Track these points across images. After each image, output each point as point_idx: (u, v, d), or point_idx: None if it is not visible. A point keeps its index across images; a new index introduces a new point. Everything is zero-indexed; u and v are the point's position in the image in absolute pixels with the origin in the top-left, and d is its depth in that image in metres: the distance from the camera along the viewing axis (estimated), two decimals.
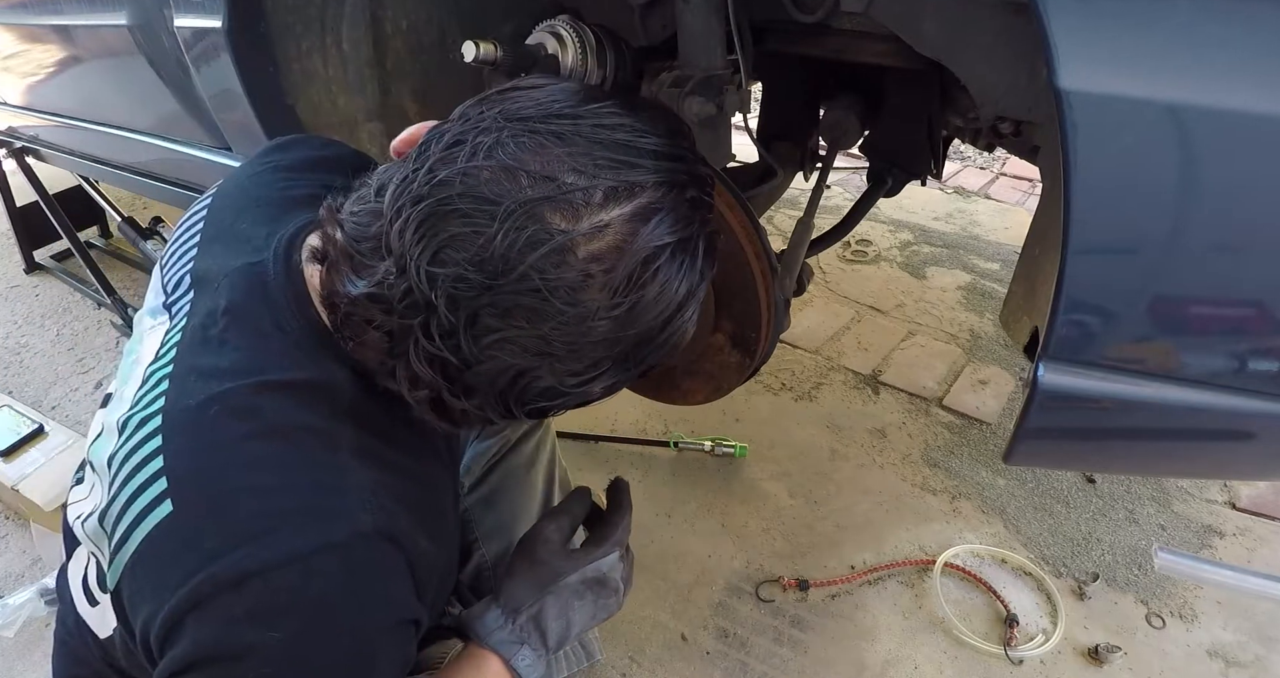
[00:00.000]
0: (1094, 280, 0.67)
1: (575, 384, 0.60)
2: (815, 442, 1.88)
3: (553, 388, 0.60)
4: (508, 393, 0.60)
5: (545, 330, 0.56)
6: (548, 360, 0.58)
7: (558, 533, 0.87)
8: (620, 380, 0.63)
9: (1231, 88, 0.57)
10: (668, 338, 0.62)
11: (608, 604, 0.84)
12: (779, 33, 1.10)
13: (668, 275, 0.58)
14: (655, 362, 0.64)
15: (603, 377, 0.61)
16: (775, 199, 1.42)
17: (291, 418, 0.62)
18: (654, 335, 0.61)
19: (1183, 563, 1.15)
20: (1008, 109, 0.87)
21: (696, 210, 0.61)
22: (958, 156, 3.44)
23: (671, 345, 0.64)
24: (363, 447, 0.63)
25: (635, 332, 0.59)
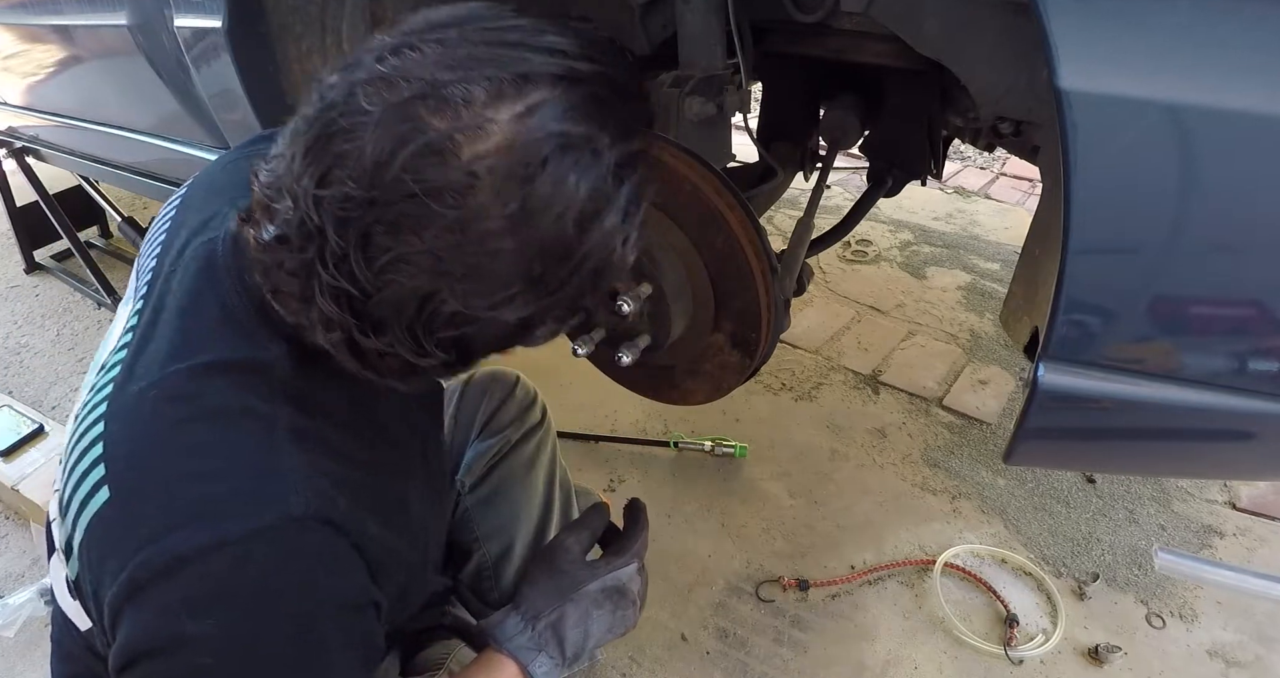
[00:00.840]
0: (1094, 280, 0.67)
1: (485, 307, 0.55)
2: (815, 442, 1.88)
3: (460, 314, 0.55)
4: (415, 324, 0.55)
5: (435, 242, 0.51)
6: (447, 280, 0.53)
7: (577, 545, 0.87)
8: (546, 311, 0.58)
9: (1231, 88, 0.57)
10: (586, 254, 0.56)
11: (625, 616, 0.84)
12: (779, 33, 1.10)
13: (560, 171, 0.52)
14: (583, 291, 0.58)
15: (517, 301, 0.56)
16: (775, 199, 1.42)
17: (228, 401, 0.61)
18: (567, 249, 0.55)
19: (1183, 563, 1.15)
20: (1008, 109, 0.87)
21: (605, 111, 0.56)
22: (958, 156, 3.43)
23: (596, 269, 0.57)
24: (302, 429, 0.62)
25: (538, 241, 0.53)
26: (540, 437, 1.22)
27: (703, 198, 0.89)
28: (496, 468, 1.17)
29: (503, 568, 1.14)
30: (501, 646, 0.78)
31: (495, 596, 1.14)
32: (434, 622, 1.09)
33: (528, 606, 0.81)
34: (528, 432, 1.20)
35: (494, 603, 1.13)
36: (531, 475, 1.19)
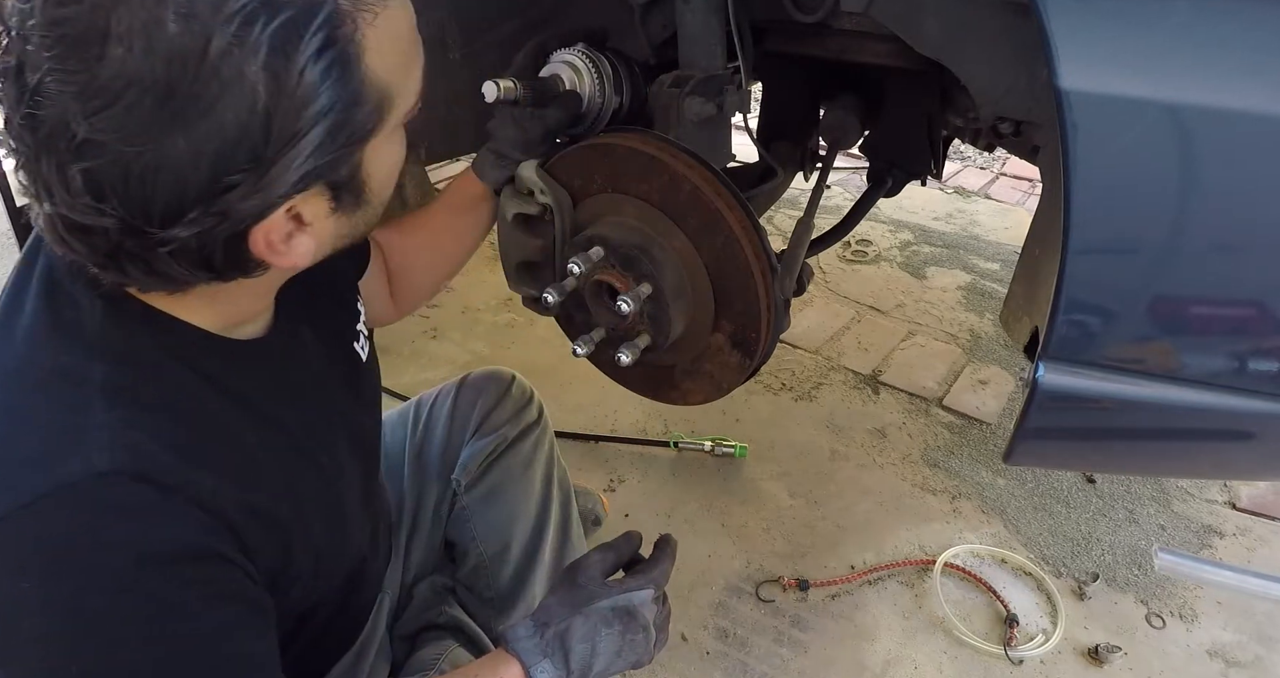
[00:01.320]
0: (1094, 280, 0.67)
1: (112, 127, 0.49)
2: (815, 442, 1.88)
3: (91, 142, 0.49)
4: (65, 164, 0.50)
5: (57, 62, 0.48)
6: (71, 96, 0.48)
7: (599, 564, 0.88)
8: (211, 156, 0.51)
9: (1231, 88, 0.57)
10: (217, 65, 0.49)
11: (635, 642, 0.83)
12: (779, 33, 1.10)
13: None
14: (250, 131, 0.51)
15: (151, 129, 0.49)
16: (775, 199, 1.42)
17: (38, 364, 0.60)
18: (191, 53, 0.48)
19: (1183, 563, 1.15)
20: (1008, 109, 0.87)
21: None
22: (958, 156, 3.44)
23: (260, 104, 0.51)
24: (117, 384, 0.60)
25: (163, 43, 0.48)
26: (537, 435, 1.21)
27: (703, 198, 0.89)
28: (493, 467, 1.16)
29: (499, 567, 1.14)
30: (510, 646, 0.79)
31: (491, 594, 1.13)
32: (429, 621, 1.09)
33: (541, 613, 0.82)
34: (524, 430, 1.20)
35: (490, 602, 1.13)
36: (528, 474, 1.19)
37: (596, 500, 1.59)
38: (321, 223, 0.61)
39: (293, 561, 0.70)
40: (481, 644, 1.07)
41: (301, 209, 0.58)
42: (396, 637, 1.09)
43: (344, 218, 0.64)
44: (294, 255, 0.60)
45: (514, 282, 1.10)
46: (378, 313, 1.05)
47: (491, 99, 0.89)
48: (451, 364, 2.16)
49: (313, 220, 0.60)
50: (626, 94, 0.98)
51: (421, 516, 1.16)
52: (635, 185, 0.93)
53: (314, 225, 0.61)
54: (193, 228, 0.54)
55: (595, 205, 0.98)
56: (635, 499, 1.71)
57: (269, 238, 0.58)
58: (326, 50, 0.53)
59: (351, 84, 0.55)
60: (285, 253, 0.60)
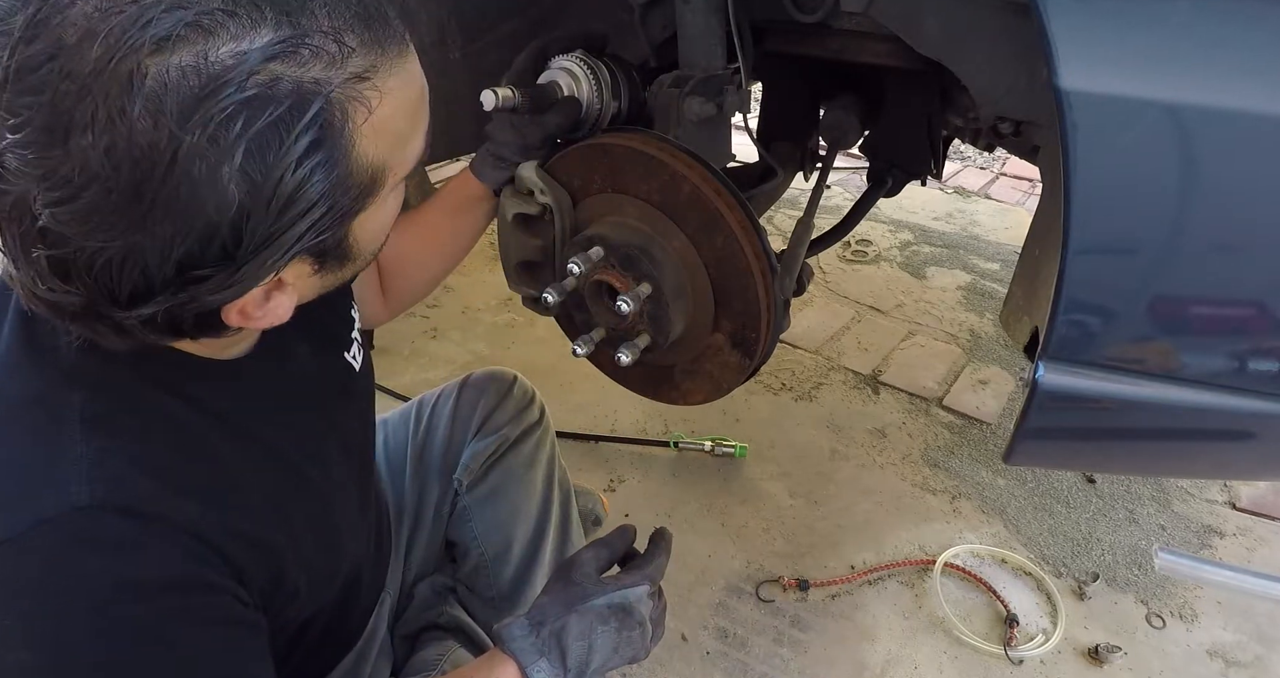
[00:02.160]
0: (1094, 280, 0.67)
1: (71, 220, 0.47)
2: (815, 442, 1.88)
3: (49, 230, 0.47)
4: (26, 239, 0.49)
5: (22, 135, 0.45)
6: (33, 180, 0.46)
7: (593, 561, 0.88)
8: (157, 250, 0.48)
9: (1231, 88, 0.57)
10: (179, 166, 0.45)
11: (631, 638, 0.83)
12: (779, 33, 1.10)
13: (120, 43, 0.44)
14: (196, 227, 0.48)
15: (113, 226, 0.47)
16: (775, 199, 1.42)
17: (14, 392, 0.59)
18: (154, 152, 0.45)
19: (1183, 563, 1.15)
20: (1008, 109, 0.87)
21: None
22: (958, 156, 3.44)
23: (185, 202, 0.47)
24: (95, 413, 0.58)
25: (125, 137, 0.44)
26: (539, 436, 1.21)
27: (703, 198, 0.89)
28: (494, 467, 1.16)
29: (500, 567, 1.14)
30: (506, 646, 0.79)
31: (492, 594, 1.14)
32: (430, 622, 1.09)
33: (537, 612, 0.82)
34: (526, 430, 1.20)
35: (491, 602, 1.13)
36: (530, 474, 1.19)
37: (596, 500, 1.59)
38: (304, 282, 0.59)
39: (285, 578, 0.69)
40: (482, 645, 1.07)
41: (282, 276, 0.56)
42: (398, 637, 1.09)
43: (330, 275, 0.61)
44: (272, 316, 0.58)
45: (514, 282, 1.10)
46: (370, 313, 1.05)
47: (490, 107, 0.89)
48: (451, 364, 2.16)
49: (294, 281, 0.58)
50: (624, 99, 0.98)
51: (423, 515, 1.16)
52: (635, 185, 0.93)
53: (295, 285, 0.58)
54: (160, 306, 0.52)
55: (595, 205, 0.98)
56: (635, 499, 1.71)
57: (244, 311, 0.56)
58: (314, 151, 0.49)
59: (339, 177, 0.52)
60: (261, 316, 0.57)
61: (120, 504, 0.56)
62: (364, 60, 0.51)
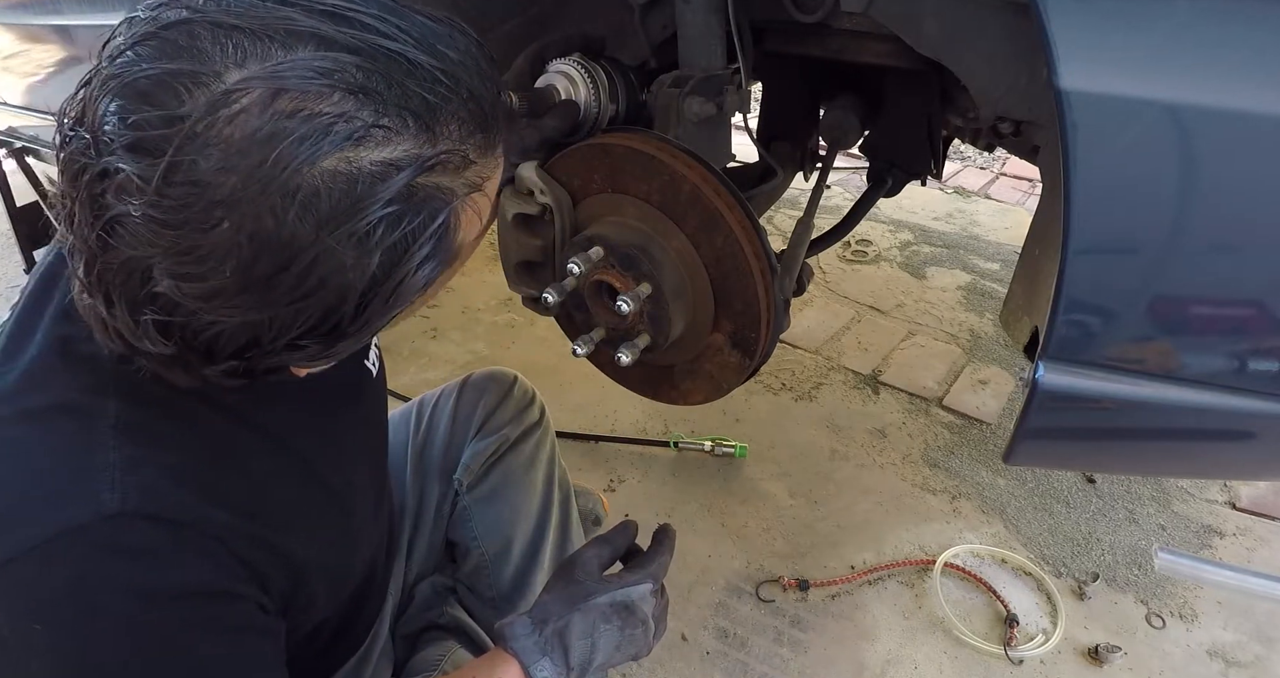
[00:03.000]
0: (1094, 280, 0.67)
1: (196, 297, 0.48)
2: (815, 442, 1.88)
3: (168, 297, 0.49)
4: (135, 300, 0.50)
5: (150, 206, 0.45)
6: (158, 252, 0.47)
7: (596, 559, 0.88)
8: (278, 324, 0.51)
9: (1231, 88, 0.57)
10: (314, 263, 0.48)
11: (634, 636, 0.83)
12: (779, 33, 1.10)
13: (307, 151, 0.45)
14: (328, 311, 0.51)
15: (231, 298, 0.48)
16: (775, 199, 1.42)
17: (49, 398, 0.59)
18: (290, 248, 0.47)
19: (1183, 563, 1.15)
20: (1008, 109, 0.87)
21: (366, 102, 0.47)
22: (958, 156, 3.44)
23: (338, 288, 0.50)
24: (129, 421, 0.58)
25: (257, 226, 0.46)
26: (539, 436, 1.21)
27: (703, 198, 0.89)
28: (495, 467, 1.16)
29: (500, 567, 1.14)
30: (508, 644, 0.79)
31: (493, 594, 1.14)
32: (431, 622, 1.09)
33: (539, 610, 0.82)
34: (526, 430, 1.20)
35: (491, 602, 1.13)
36: (530, 475, 1.19)
37: (596, 501, 1.59)
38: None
39: (305, 585, 0.70)
40: (483, 645, 1.07)
41: None
42: (398, 637, 1.09)
43: None
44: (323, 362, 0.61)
45: (514, 282, 1.10)
46: None
47: None
48: (451, 364, 2.16)
49: None
50: (622, 102, 0.98)
51: (423, 515, 1.16)
52: (635, 185, 0.93)
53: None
54: (243, 362, 0.54)
55: (595, 205, 0.98)
56: (635, 499, 1.71)
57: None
58: (435, 254, 0.53)
59: (442, 265, 0.55)
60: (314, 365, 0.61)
61: (149, 512, 0.56)
62: (481, 169, 0.55)
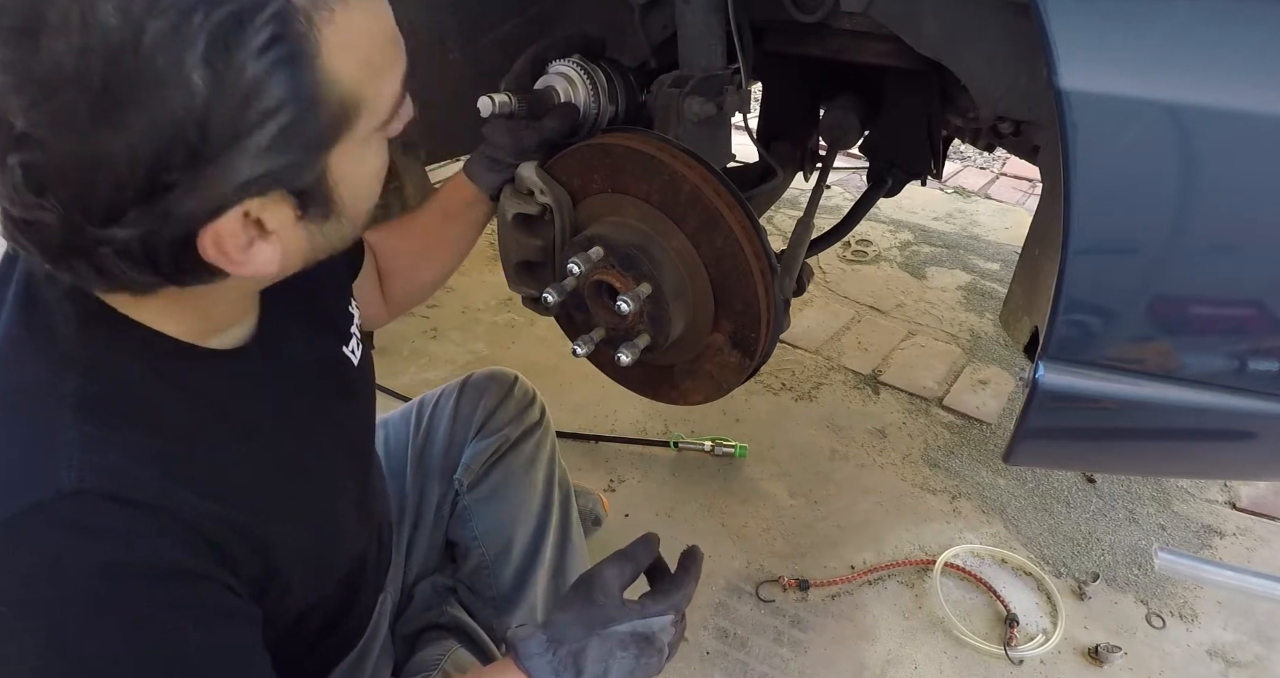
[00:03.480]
0: (1094, 280, 0.67)
1: (44, 124, 0.48)
2: (815, 442, 1.88)
3: (28, 137, 0.48)
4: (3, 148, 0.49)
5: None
6: (19, 94, 0.47)
7: (618, 579, 0.85)
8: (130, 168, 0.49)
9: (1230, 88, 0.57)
10: (146, 65, 0.47)
11: (649, 664, 0.82)
12: (779, 33, 1.10)
13: None
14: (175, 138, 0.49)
15: (81, 129, 0.48)
16: (775, 199, 1.42)
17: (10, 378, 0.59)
18: (120, 48, 0.47)
19: (1183, 563, 1.15)
20: (1008, 109, 0.87)
21: None
22: (958, 156, 3.44)
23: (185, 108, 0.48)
24: (94, 397, 0.58)
25: (98, 35, 0.46)
26: (539, 436, 1.21)
27: (703, 198, 0.89)
28: (495, 467, 1.16)
29: (501, 567, 1.14)
30: (522, 662, 0.77)
31: (493, 594, 1.14)
32: (431, 621, 1.09)
33: (555, 630, 0.80)
34: (526, 430, 1.20)
35: (492, 602, 1.14)
36: (531, 475, 1.19)
37: (596, 501, 1.59)
38: (288, 232, 0.59)
39: (278, 570, 0.69)
40: (483, 644, 1.07)
41: (261, 215, 0.55)
42: (398, 637, 1.09)
43: (314, 228, 0.61)
44: (254, 264, 0.57)
45: (514, 282, 1.10)
46: (369, 314, 1.05)
47: (486, 113, 0.90)
48: (451, 364, 2.16)
49: (277, 228, 0.57)
50: (621, 103, 0.98)
51: (423, 515, 1.16)
52: (635, 185, 0.93)
53: (280, 234, 0.58)
54: (134, 228, 0.51)
55: (595, 205, 0.98)
56: (635, 499, 1.71)
57: (221, 245, 0.55)
58: (274, 45, 0.50)
59: (304, 84, 0.52)
60: (243, 261, 0.57)
61: (109, 492, 0.56)
62: None
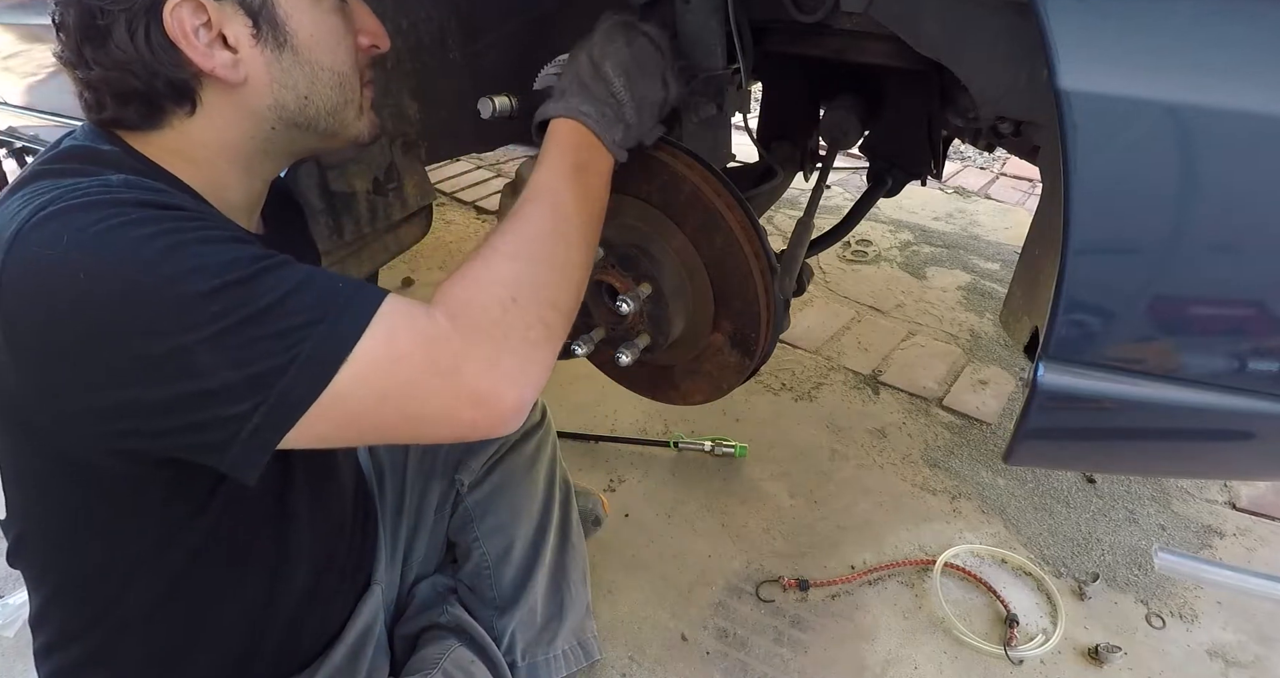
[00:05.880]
0: (1094, 280, 0.67)
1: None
2: (815, 442, 1.88)
3: None
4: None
5: None
6: None
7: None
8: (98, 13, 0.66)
9: (1231, 88, 0.57)
10: None
11: (642, 49, 0.83)
12: (779, 33, 1.10)
13: None
14: None
15: None
16: (775, 199, 1.42)
17: (70, 166, 0.68)
18: None
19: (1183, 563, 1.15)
20: (1008, 109, 0.87)
21: None
22: (958, 156, 3.44)
23: None
24: (131, 182, 0.66)
25: None
26: (540, 436, 1.22)
27: (702, 198, 0.89)
28: (496, 467, 1.17)
29: (502, 568, 1.14)
30: (545, 116, 0.81)
31: (494, 594, 1.14)
32: (431, 621, 1.09)
33: (555, 92, 0.82)
34: (527, 431, 1.20)
35: (492, 602, 1.14)
36: (531, 475, 1.19)
37: (596, 501, 1.59)
38: (247, 52, 0.70)
39: None
40: (484, 644, 1.08)
41: (221, 24, 0.68)
42: (398, 636, 1.09)
43: (271, 57, 0.72)
44: (216, 62, 0.69)
45: None
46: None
47: (486, 115, 0.90)
48: None
49: (236, 44, 0.70)
50: None
51: (424, 515, 1.16)
52: (635, 185, 0.93)
53: (240, 52, 0.70)
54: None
55: None
56: (635, 499, 1.71)
57: (181, 24, 0.67)
58: None
59: None
60: (207, 54, 0.69)
61: (149, 196, 0.64)
62: None
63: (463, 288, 0.66)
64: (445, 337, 0.62)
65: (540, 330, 0.67)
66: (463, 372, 0.62)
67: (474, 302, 0.65)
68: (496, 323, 0.64)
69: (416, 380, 0.61)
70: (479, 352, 0.63)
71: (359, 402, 0.60)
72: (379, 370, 0.60)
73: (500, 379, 0.63)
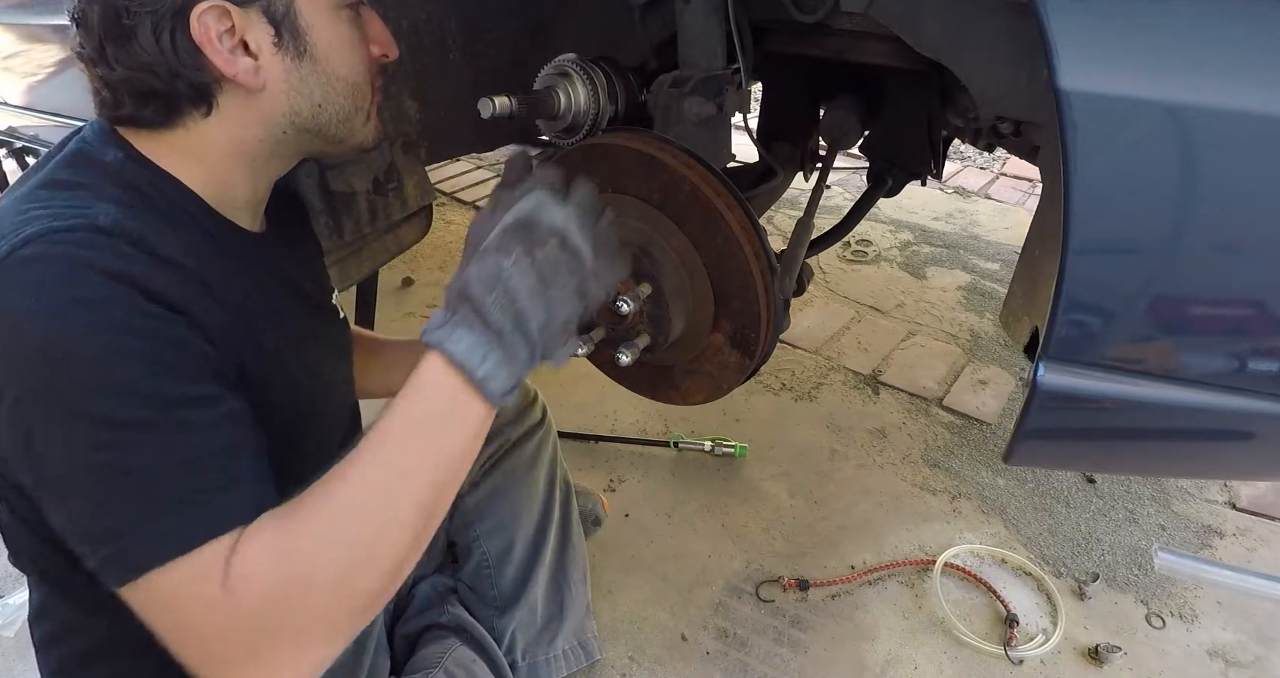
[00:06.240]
0: (1094, 280, 0.67)
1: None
2: (815, 442, 1.88)
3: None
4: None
5: None
6: None
7: (487, 214, 0.71)
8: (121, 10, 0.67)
9: (1231, 88, 0.57)
10: None
11: (554, 259, 0.65)
12: (779, 33, 1.10)
13: None
14: None
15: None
16: (775, 199, 1.42)
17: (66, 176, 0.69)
18: None
19: (1183, 563, 1.15)
20: (1008, 109, 0.87)
21: None
22: (958, 156, 3.44)
23: None
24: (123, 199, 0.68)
25: None
26: (540, 436, 1.22)
27: (703, 198, 0.89)
28: (497, 467, 1.17)
29: (502, 568, 1.14)
30: (428, 344, 0.66)
31: (494, 594, 1.14)
32: (432, 621, 1.10)
33: (446, 302, 0.68)
34: (528, 431, 1.20)
35: (493, 602, 1.14)
36: (532, 475, 1.19)
37: (596, 501, 1.59)
38: (267, 59, 0.71)
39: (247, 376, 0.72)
40: (485, 644, 1.08)
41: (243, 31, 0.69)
42: (399, 636, 1.09)
43: (291, 66, 0.73)
44: (239, 68, 0.70)
45: None
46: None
47: (487, 115, 0.90)
48: None
49: (258, 51, 0.71)
50: (621, 103, 0.99)
51: None
52: (635, 185, 0.93)
53: (261, 59, 0.71)
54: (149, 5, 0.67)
55: None
56: (635, 499, 1.71)
57: (206, 30, 0.68)
58: None
59: None
60: (230, 60, 0.69)
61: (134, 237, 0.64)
62: None
63: (272, 544, 0.60)
64: (221, 610, 0.58)
65: (321, 628, 0.61)
66: (220, 647, 0.60)
67: (265, 575, 0.59)
68: (278, 607, 0.59)
69: (182, 627, 0.60)
70: (241, 638, 0.59)
71: (149, 607, 0.61)
72: (156, 603, 0.60)
73: (254, 671, 0.60)
